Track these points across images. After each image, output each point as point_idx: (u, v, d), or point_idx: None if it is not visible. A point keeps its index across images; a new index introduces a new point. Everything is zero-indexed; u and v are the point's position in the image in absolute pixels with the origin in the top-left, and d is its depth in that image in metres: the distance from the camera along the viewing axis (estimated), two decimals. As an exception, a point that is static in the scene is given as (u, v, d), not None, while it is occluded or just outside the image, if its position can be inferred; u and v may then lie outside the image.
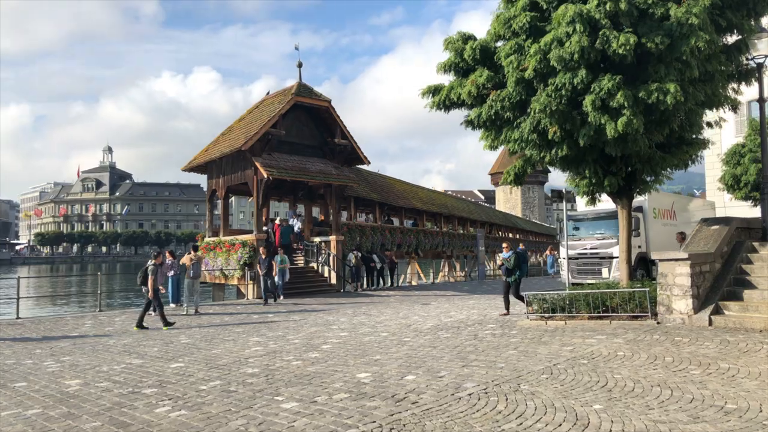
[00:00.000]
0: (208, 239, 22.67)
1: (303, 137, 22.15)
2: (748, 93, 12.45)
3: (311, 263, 22.70)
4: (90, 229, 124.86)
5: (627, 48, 9.01)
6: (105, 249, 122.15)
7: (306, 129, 22.35)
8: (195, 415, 5.45)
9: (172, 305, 16.00)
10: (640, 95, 9.14)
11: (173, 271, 15.90)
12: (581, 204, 17.66)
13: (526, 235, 54.85)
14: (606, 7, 9.14)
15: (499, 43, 11.20)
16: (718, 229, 10.94)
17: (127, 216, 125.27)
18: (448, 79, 11.89)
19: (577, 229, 18.76)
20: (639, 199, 14.69)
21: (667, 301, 9.72)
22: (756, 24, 10.54)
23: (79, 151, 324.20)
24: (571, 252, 17.67)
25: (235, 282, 20.90)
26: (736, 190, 22.70)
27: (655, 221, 18.72)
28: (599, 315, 10.39)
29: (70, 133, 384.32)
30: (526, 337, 9.39)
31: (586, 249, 18.24)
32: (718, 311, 9.42)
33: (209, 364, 8.05)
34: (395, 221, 30.74)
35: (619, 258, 12.07)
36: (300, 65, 21.96)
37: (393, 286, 26.17)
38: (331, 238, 22.27)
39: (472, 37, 11.51)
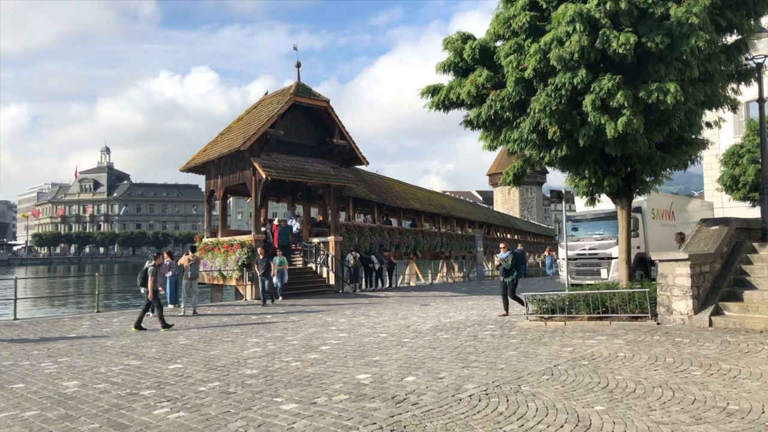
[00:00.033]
0: (206, 240, 22.61)
1: (301, 137, 22.10)
2: (747, 93, 12.44)
3: (309, 264, 22.65)
4: (88, 230, 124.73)
5: (627, 47, 8.98)
6: (102, 250, 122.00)
7: (304, 129, 22.31)
8: (194, 417, 5.41)
9: (170, 306, 15.95)
10: (640, 95, 9.11)
11: (171, 272, 15.85)
12: (580, 204, 17.62)
13: (524, 236, 54.87)
14: (606, 7, 9.11)
15: (499, 43, 11.17)
16: (718, 230, 10.92)
17: (124, 217, 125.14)
18: (448, 78, 11.85)
19: (575, 229, 18.72)
20: (638, 200, 14.66)
21: (667, 302, 9.71)
22: (756, 24, 10.54)
23: (76, 151, 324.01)
24: (570, 253, 17.63)
25: (233, 283, 20.85)
26: (734, 190, 22.74)
27: (654, 222, 18.69)
28: (599, 316, 10.36)
29: (68, 133, 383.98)
30: (525, 337, 9.36)
31: (584, 250, 18.21)
32: (718, 312, 9.40)
33: (208, 365, 8.00)
34: (394, 222, 30.73)
35: (619, 258, 12.04)
36: (299, 65, 21.91)
37: (391, 286, 26.13)
38: (330, 238, 22.22)
39: (471, 37, 11.47)
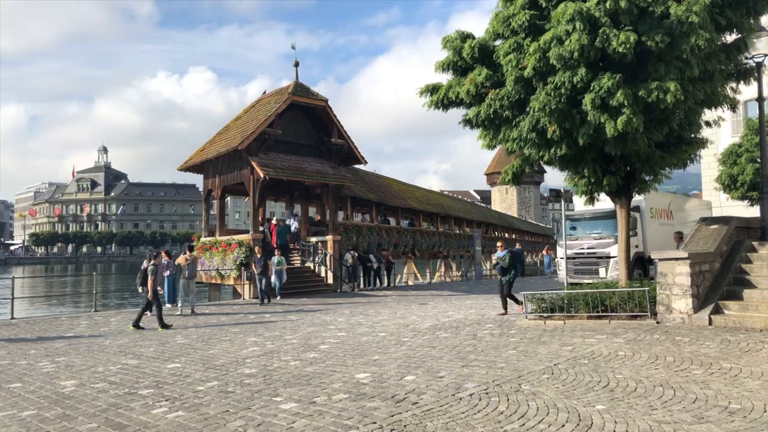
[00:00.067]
0: (204, 239, 22.57)
1: (300, 137, 22.05)
2: (745, 93, 12.43)
3: (308, 263, 22.61)
4: (85, 230, 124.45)
5: (627, 46, 8.96)
6: (100, 249, 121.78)
7: (303, 128, 22.25)
8: (193, 416, 5.37)
9: (168, 305, 15.91)
10: (640, 94, 9.09)
11: (169, 271, 15.80)
12: (579, 204, 17.60)
13: (522, 235, 54.91)
14: (606, 5, 9.09)
15: (498, 42, 11.15)
16: (718, 229, 10.92)
17: (122, 216, 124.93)
18: (447, 77, 11.82)
19: (574, 228, 18.72)
20: (636, 199, 14.65)
21: (666, 301, 9.69)
22: (755, 23, 10.53)
23: (74, 151, 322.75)
24: (568, 252, 17.62)
25: (231, 282, 20.81)
26: (732, 189, 22.73)
27: (652, 221, 18.69)
28: (598, 315, 10.35)
29: (65, 133, 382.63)
30: (525, 336, 9.34)
31: (583, 249, 18.21)
32: (717, 311, 9.39)
33: (206, 364, 7.97)
34: (392, 221, 30.70)
35: (618, 257, 12.04)
36: (297, 64, 21.84)
37: (390, 286, 26.10)
38: (328, 237, 22.18)
39: (470, 36, 11.44)
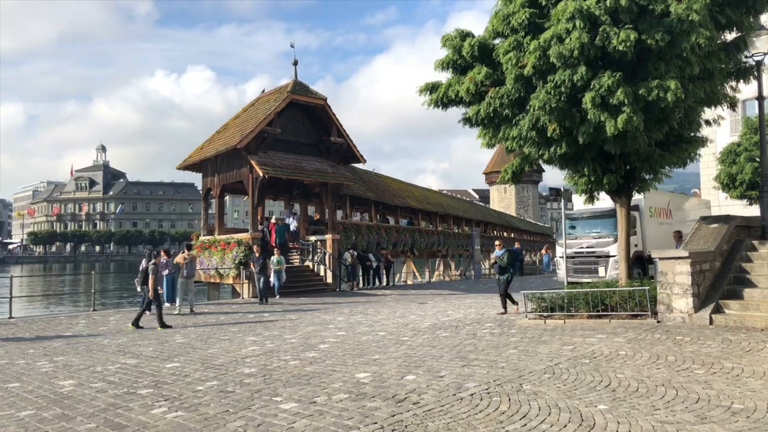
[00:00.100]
0: (202, 238, 22.52)
1: (299, 135, 22.01)
2: (744, 92, 12.41)
3: (307, 262, 22.56)
4: (83, 228, 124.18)
5: (627, 45, 8.94)
6: (98, 248, 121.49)
7: (302, 127, 22.21)
8: (192, 416, 5.34)
9: (167, 304, 15.86)
10: (641, 92, 9.07)
11: (168, 270, 15.76)
12: (578, 203, 17.58)
13: (520, 234, 54.85)
14: (606, 4, 9.07)
15: (498, 40, 11.12)
16: (718, 228, 10.89)
17: (120, 215, 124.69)
18: (446, 76, 11.79)
19: (573, 228, 18.69)
20: (635, 198, 14.63)
21: (667, 300, 9.67)
22: (755, 21, 10.50)
23: (72, 150, 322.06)
24: (568, 251, 17.61)
25: (230, 281, 20.76)
26: (731, 188, 22.74)
27: (652, 220, 18.68)
28: (598, 314, 10.33)
29: (64, 132, 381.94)
30: (525, 336, 9.31)
31: (582, 248, 18.20)
32: (718, 310, 9.37)
33: (205, 364, 7.93)
34: (391, 220, 30.68)
35: (619, 256, 12.02)
36: (296, 63, 21.78)
37: (389, 285, 26.07)
38: (327, 236, 22.14)
39: (470, 35, 11.41)
